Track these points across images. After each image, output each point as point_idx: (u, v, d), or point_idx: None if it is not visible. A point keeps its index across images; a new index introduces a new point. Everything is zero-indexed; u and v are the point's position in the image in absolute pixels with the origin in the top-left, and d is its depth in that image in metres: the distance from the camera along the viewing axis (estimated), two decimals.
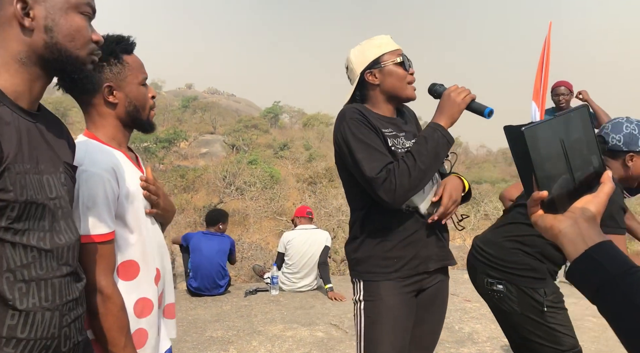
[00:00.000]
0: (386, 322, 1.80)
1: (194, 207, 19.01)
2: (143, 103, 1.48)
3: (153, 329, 1.46)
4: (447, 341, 3.90)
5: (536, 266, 2.15)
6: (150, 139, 25.12)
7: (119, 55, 1.43)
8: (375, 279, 1.84)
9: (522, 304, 2.15)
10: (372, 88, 1.92)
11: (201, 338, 4.09)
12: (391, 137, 1.87)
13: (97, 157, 1.35)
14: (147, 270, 1.45)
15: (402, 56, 1.89)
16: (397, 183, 1.70)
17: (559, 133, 0.83)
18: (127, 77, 1.44)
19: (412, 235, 1.84)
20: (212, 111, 44.19)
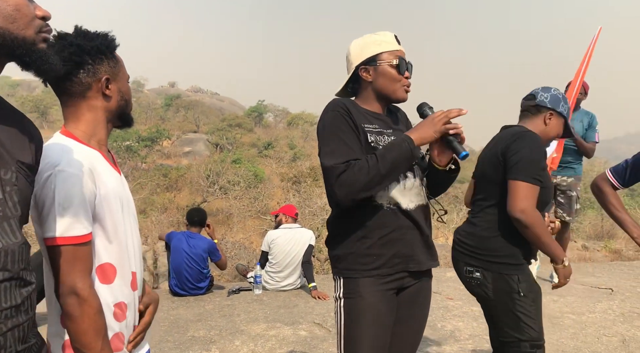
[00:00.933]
0: (366, 319, 1.80)
1: (177, 206, 18.85)
2: (130, 98, 1.51)
3: (131, 333, 1.44)
4: (430, 339, 3.92)
5: (511, 251, 2.18)
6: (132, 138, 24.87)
7: (114, 50, 1.45)
8: (355, 276, 1.84)
9: (495, 290, 2.21)
10: (364, 84, 1.93)
11: (183, 338, 4.06)
12: (374, 133, 1.87)
13: (74, 157, 1.32)
14: (124, 273, 1.42)
15: (400, 58, 1.88)
16: (353, 179, 1.70)
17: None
18: (119, 72, 1.46)
19: (392, 233, 1.84)
20: (195, 109, 43.85)
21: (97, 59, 1.40)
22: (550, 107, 2.29)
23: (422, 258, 1.92)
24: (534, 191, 2.10)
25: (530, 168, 2.10)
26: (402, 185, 1.85)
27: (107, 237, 1.38)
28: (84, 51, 1.38)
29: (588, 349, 3.66)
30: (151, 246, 11.73)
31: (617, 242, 15.28)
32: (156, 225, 14.47)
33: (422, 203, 1.94)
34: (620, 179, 2.39)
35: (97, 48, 1.39)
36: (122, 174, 1.53)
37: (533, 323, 2.16)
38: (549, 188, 2.26)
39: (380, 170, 1.71)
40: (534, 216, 2.08)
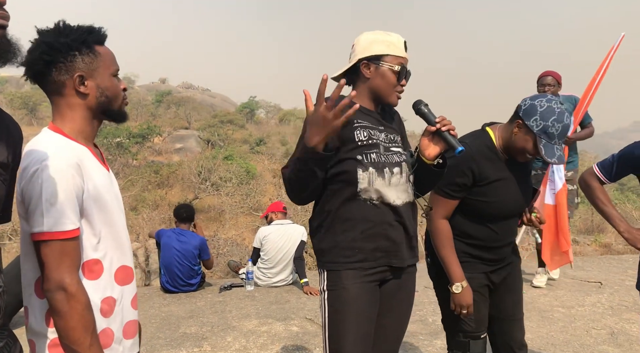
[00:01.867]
0: (349, 311, 1.84)
1: (169, 203, 18.77)
2: (115, 94, 1.45)
3: (119, 330, 1.44)
4: (421, 333, 3.94)
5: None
6: (123, 135, 24.71)
7: (91, 45, 1.40)
8: (338, 268, 1.88)
9: (437, 281, 2.34)
10: (362, 79, 1.95)
11: (175, 334, 4.05)
12: (368, 128, 1.90)
13: (61, 152, 1.31)
14: (112, 268, 1.42)
15: (403, 66, 1.90)
16: (286, 185, 1.83)
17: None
18: (99, 67, 1.41)
19: (375, 227, 1.87)
20: (186, 105, 43.62)
21: (70, 56, 1.36)
22: (520, 117, 2.08)
23: (405, 254, 1.95)
24: (444, 204, 2.18)
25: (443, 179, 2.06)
26: (386, 181, 1.88)
27: (94, 233, 1.37)
28: (54, 49, 1.35)
29: (577, 342, 3.69)
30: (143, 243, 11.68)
31: (607, 236, 15.40)
32: (147, 222, 14.40)
33: (409, 200, 1.97)
34: (607, 174, 2.40)
35: (67, 45, 1.35)
36: (110, 171, 1.52)
37: (469, 318, 2.24)
38: (493, 203, 2.16)
39: (290, 173, 1.79)
40: (437, 227, 2.19)
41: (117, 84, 1.46)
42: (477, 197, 2.16)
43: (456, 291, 2.16)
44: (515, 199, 2.20)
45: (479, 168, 2.12)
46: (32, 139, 1.35)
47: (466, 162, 2.12)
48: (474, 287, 2.21)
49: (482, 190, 2.15)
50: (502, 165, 2.18)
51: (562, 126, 2.03)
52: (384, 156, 1.90)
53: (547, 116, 2.02)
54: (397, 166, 1.92)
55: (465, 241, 2.24)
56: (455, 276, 2.16)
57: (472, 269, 2.23)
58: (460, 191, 2.16)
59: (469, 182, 2.14)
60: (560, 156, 2.04)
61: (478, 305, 2.23)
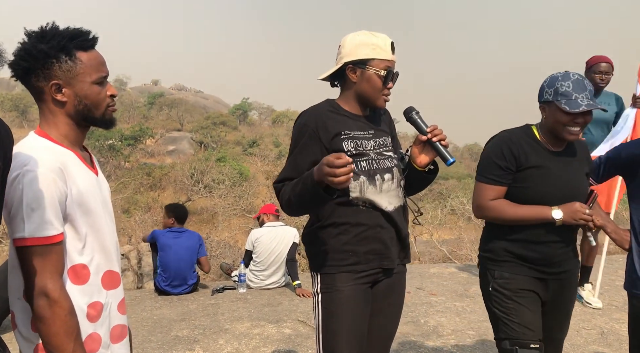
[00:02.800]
0: (343, 313, 1.85)
1: (161, 205, 18.70)
2: (95, 102, 1.41)
3: (107, 334, 1.43)
4: (413, 334, 3.95)
5: (491, 246, 2.19)
6: (115, 137, 24.60)
7: (72, 51, 1.36)
8: (331, 271, 1.89)
9: (481, 283, 2.27)
10: (348, 83, 1.95)
11: (166, 337, 4.04)
12: (356, 139, 1.90)
13: (44, 156, 1.30)
14: (98, 273, 1.41)
15: (389, 70, 1.88)
16: (281, 199, 1.87)
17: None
18: (78, 75, 1.36)
19: (367, 231, 1.89)
20: (179, 107, 43.55)
21: (47, 63, 1.33)
22: (539, 101, 2.12)
23: (395, 255, 1.97)
24: (489, 190, 2.10)
25: (483, 166, 2.13)
26: (378, 188, 1.89)
27: (79, 238, 1.36)
28: (31, 56, 1.33)
29: (567, 342, 3.72)
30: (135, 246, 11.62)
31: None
32: (140, 225, 14.35)
33: (401, 204, 1.99)
34: (594, 175, 2.42)
35: (44, 52, 1.32)
36: (99, 175, 1.51)
37: (509, 320, 2.09)
38: (530, 189, 2.08)
39: (291, 198, 1.81)
40: (491, 208, 2.10)
41: (98, 91, 1.40)
42: (517, 183, 2.09)
43: (557, 215, 2.01)
44: (557, 189, 2.08)
45: (518, 151, 2.07)
46: (18, 143, 1.34)
47: (506, 144, 2.09)
48: (514, 289, 2.11)
49: (522, 175, 2.08)
50: (546, 154, 2.10)
51: (572, 82, 2.02)
52: (376, 162, 1.91)
53: (553, 82, 2.06)
54: (389, 172, 1.93)
55: (507, 237, 2.14)
56: (542, 213, 2.02)
57: (513, 269, 2.13)
58: (504, 176, 2.09)
59: (512, 166, 2.07)
60: (588, 103, 1.98)
61: (519, 308, 2.09)
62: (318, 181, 1.67)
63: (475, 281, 5.53)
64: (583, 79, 2.04)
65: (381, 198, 1.90)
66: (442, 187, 25.12)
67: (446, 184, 25.74)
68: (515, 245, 2.13)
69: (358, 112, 1.97)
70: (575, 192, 2.11)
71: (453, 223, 17.58)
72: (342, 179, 1.60)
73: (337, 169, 1.59)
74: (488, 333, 3.92)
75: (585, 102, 1.98)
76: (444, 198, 21.43)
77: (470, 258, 12.74)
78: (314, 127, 1.87)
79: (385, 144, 1.98)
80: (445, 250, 14.23)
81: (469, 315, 4.41)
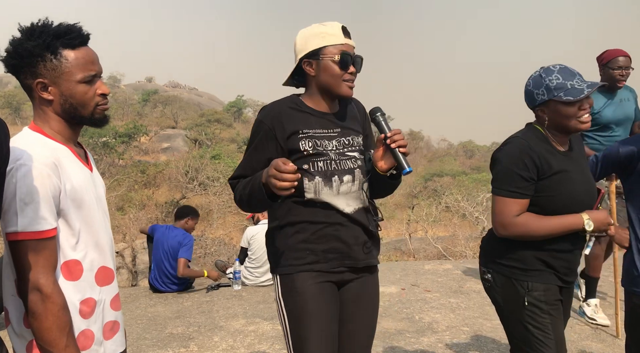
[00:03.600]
0: (308, 316, 1.79)
1: (156, 203, 18.68)
2: (81, 101, 1.38)
3: (100, 331, 1.43)
4: (408, 331, 3.97)
5: (520, 255, 2.00)
6: (109, 134, 24.50)
7: (57, 50, 1.33)
8: (290, 271, 1.83)
9: (504, 295, 2.05)
10: (309, 78, 1.89)
11: (161, 335, 4.03)
12: (315, 138, 1.84)
13: (37, 151, 1.30)
14: (92, 270, 1.41)
15: (344, 53, 1.80)
16: (235, 195, 1.86)
17: None
18: (63, 73, 1.34)
19: (325, 228, 1.82)
20: (173, 105, 43.42)
21: (32, 61, 1.32)
22: (533, 107, 2.03)
23: (359, 255, 1.88)
24: (513, 205, 1.94)
25: (504, 179, 1.96)
26: (334, 189, 1.82)
27: (72, 233, 1.36)
28: (17, 53, 1.32)
29: None
30: (129, 244, 11.60)
31: None
32: (134, 222, 14.31)
33: (363, 206, 1.90)
34: (591, 173, 2.43)
35: (29, 51, 1.31)
36: (93, 171, 1.50)
37: (545, 337, 1.94)
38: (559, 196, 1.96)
39: (242, 197, 1.82)
40: (518, 225, 1.93)
41: (85, 90, 1.38)
42: (542, 193, 1.95)
43: (589, 226, 1.92)
44: (582, 192, 1.99)
45: (540, 158, 1.93)
46: (12, 138, 1.34)
47: (527, 153, 1.93)
48: (551, 301, 1.97)
49: (546, 184, 1.94)
50: (560, 157, 1.99)
51: (558, 72, 1.93)
52: (335, 162, 1.83)
53: (538, 82, 1.96)
54: (349, 174, 1.85)
55: (537, 246, 1.98)
56: (574, 223, 1.92)
57: (547, 279, 1.98)
58: (527, 188, 1.93)
59: (534, 175, 1.93)
60: (589, 84, 1.90)
61: (554, 323, 1.96)
62: (264, 184, 1.68)
63: (469, 277, 5.55)
64: (566, 66, 1.96)
65: (338, 199, 1.83)
66: (437, 184, 25.18)
67: (441, 181, 25.80)
68: (545, 252, 1.98)
69: (324, 109, 1.89)
70: (593, 192, 2.04)
71: (447, 220, 17.62)
72: (284, 185, 1.57)
73: (282, 174, 1.57)
74: (482, 330, 3.94)
75: (585, 85, 1.90)
76: (438, 195, 21.49)
77: (465, 255, 12.79)
78: (270, 125, 1.83)
79: (351, 144, 1.89)
80: (440, 247, 14.28)
81: (464, 311, 4.43)
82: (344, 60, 1.80)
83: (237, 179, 1.87)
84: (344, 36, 1.83)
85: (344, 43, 1.82)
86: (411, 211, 19.51)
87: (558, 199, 1.95)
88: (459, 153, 43.43)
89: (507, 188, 1.95)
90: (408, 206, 21.50)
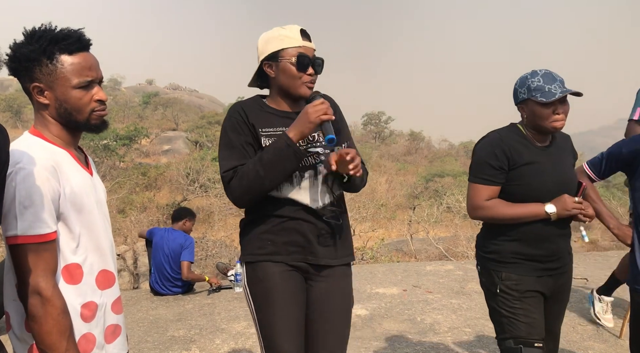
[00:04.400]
0: (273, 303, 1.85)
1: (157, 205, 18.65)
2: (76, 107, 1.37)
3: (101, 334, 1.43)
4: (410, 332, 3.96)
5: (497, 248, 2.17)
6: (109, 137, 24.50)
7: (54, 55, 1.33)
8: (251, 260, 1.90)
9: (484, 285, 2.25)
10: (270, 80, 1.95)
11: (162, 338, 4.03)
12: (267, 137, 1.87)
13: (37, 155, 1.30)
14: (92, 273, 1.41)
15: (300, 55, 1.85)
16: (238, 184, 1.80)
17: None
18: (58, 79, 1.34)
19: (287, 222, 1.87)
20: (174, 107, 43.42)
21: (29, 66, 1.33)
22: (516, 104, 2.19)
23: (321, 251, 1.90)
24: (483, 190, 2.14)
25: (476, 168, 2.16)
26: (294, 185, 1.86)
27: (72, 237, 1.36)
28: (15, 58, 1.33)
29: (563, 338, 3.73)
30: (131, 246, 11.61)
31: (593, 233, 15.57)
32: (135, 225, 14.31)
33: (332, 201, 1.93)
34: (596, 171, 2.43)
35: (25, 55, 1.32)
36: (94, 175, 1.50)
37: (517, 320, 2.11)
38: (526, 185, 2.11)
39: (258, 172, 1.77)
40: (486, 208, 2.13)
41: (80, 96, 1.36)
42: (512, 181, 2.12)
43: (551, 210, 2.06)
44: (551, 184, 2.12)
45: (510, 150, 2.11)
46: (12, 142, 1.34)
47: (497, 144, 2.13)
48: (522, 290, 2.12)
49: (516, 173, 2.11)
50: (535, 150, 2.15)
51: (541, 76, 2.08)
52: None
53: (523, 81, 2.13)
54: (310, 169, 1.89)
55: (513, 236, 2.14)
56: (536, 210, 2.07)
57: (522, 270, 2.14)
58: (496, 176, 2.12)
59: (505, 164, 2.11)
60: (562, 90, 2.04)
61: (526, 309, 2.12)
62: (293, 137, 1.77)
63: (471, 278, 5.54)
64: (551, 72, 2.10)
65: (301, 195, 1.87)
66: (438, 185, 25.15)
67: (442, 181, 25.77)
68: (521, 243, 2.14)
69: (286, 108, 1.94)
70: (567, 185, 2.16)
71: (449, 221, 17.61)
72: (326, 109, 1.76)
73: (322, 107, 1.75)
74: (485, 330, 3.93)
75: (559, 90, 2.04)
76: (439, 196, 21.46)
77: (467, 255, 12.78)
78: (240, 118, 1.89)
79: (315, 140, 1.92)
80: (442, 247, 14.26)
81: (466, 312, 4.42)
82: (300, 62, 1.85)
83: (235, 169, 1.84)
84: (302, 39, 1.88)
85: (302, 45, 1.87)
86: (412, 211, 19.48)
87: (526, 188, 2.11)
88: (459, 153, 43.36)
89: (478, 176, 2.16)
90: (409, 206, 21.46)
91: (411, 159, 37.62)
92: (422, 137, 45.21)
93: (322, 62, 1.92)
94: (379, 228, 17.30)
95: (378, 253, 12.77)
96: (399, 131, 49.20)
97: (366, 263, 10.35)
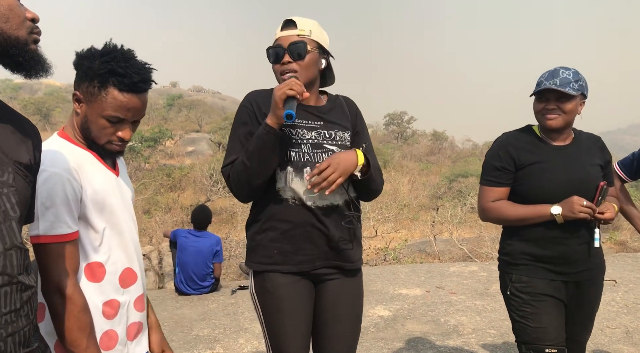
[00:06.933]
0: (282, 312, 1.80)
1: (181, 206, 18.90)
2: (97, 133, 1.41)
3: (124, 332, 1.46)
4: (433, 334, 3.93)
5: (509, 249, 2.15)
6: (135, 139, 24.91)
7: (105, 83, 1.35)
8: (259, 269, 1.85)
9: (500, 286, 2.24)
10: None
11: (187, 337, 4.08)
12: (288, 127, 1.81)
13: (59, 156, 1.34)
14: (116, 272, 1.44)
15: (268, 48, 1.84)
16: (234, 176, 1.78)
17: None
18: (95, 101, 1.37)
19: (294, 229, 1.80)
20: (197, 109, 43.93)
21: (83, 77, 1.38)
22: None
23: (330, 256, 1.86)
24: (489, 192, 2.14)
25: (484, 170, 2.19)
26: (305, 181, 1.79)
27: (95, 236, 1.40)
28: (76, 64, 1.40)
29: (591, 341, 3.66)
30: (156, 246, 11.77)
31: (622, 234, 15.21)
32: (160, 225, 14.52)
33: (336, 203, 1.85)
34: (627, 172, 2.38)
35: (84, 70, 1.38)
36: (120, 176, 1.54)
37: (527, 325, 2.06)
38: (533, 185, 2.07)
39: (244, 163, 1.73)
40: (492, 209, 2.12)
41: (104, 126, 1.39)
42: (519, 181, 2.10)
43: (556, 211, 1.99)
44: (557, 183, 2.04)
45: (516, 150, 2.10)
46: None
47: (502, 145, 2.14)
48: (533, 293, 2.07)
49: (522, 173, 2.09)
50: (548, 149, 2.09)
51: (548, 72, 2.05)
52: (308, 154, 1.81)
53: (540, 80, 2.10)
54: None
55: (523, 237, 2.10)
56: (541, 211, 2.02)
57: (532, 273, 2.09)
58: (501, 177, 2.11)
59: (510, 165, 2.10)
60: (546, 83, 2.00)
61: (536, 313, 2.06)
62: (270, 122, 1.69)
63: (495, 279, 5.47)
64: (560, 69, 2.03)
65: (306, 191, 1.79)
66: (462, 185, 24.89)
67: (465, 182, 25.49)
68: (531, 244, 2.08)
69: (306, 102, 1.87)
70: (582, 186, 2.04)
71: (473, 222, 17.40)
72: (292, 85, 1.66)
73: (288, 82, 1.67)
74: (509, 333, 3.88)
75: (547, 84, 1.99)
76: (463, 196, 21.24)
77: (491, 256, 12.61)
78: (252, 109, 1.85)
79: (332, 137, 1.86)
80: (465, 248, 14.11)
81: (490, 313, 4.37)
82: (269, 54, 1.85)
83: (233, 162, 1.82)
84: (281, 30, 1.85)
85: (277, 37, 1.84)
86: (436, 212, 19.31)
87: (533, 187, 2.06)
88: (483, 153, 42.74)
89: (484, 177, 2.18)
90: (432, 207, 21.28)
91: (434, 159, 37.30)
92: (445, 137, 44.79)
93: (298, 46, 1.79)
94: (401, 228, 17.19)
95: (401, 254, 12.70)
96: (421, 131, 48.83)
97: (389, 264, 10.30)
